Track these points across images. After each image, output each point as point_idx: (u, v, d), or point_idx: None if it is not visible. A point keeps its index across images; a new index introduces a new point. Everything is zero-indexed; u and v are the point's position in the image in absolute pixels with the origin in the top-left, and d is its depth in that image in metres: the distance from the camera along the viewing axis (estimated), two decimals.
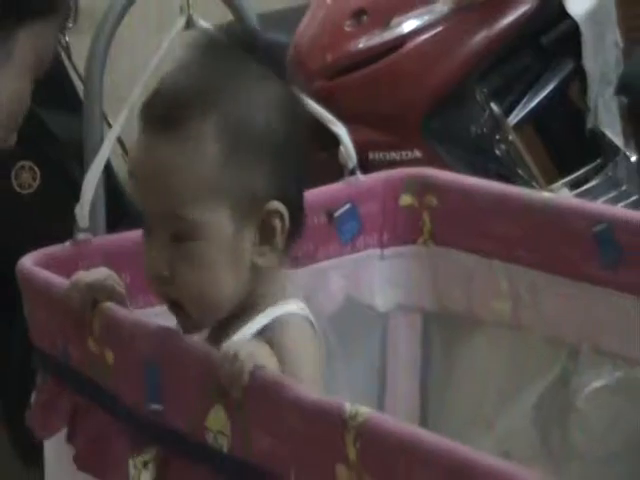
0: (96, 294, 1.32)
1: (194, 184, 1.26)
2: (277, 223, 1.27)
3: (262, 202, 1.27)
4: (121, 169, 2.51)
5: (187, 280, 1.28)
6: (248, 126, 1.29)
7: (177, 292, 1.29)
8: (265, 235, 1.28)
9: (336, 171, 1.73)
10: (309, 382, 1.27)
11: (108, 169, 2.07)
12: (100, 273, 1.37)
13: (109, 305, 1.32)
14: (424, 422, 1.75)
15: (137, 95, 1.53)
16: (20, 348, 2.09)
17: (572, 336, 1.63)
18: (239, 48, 1.38)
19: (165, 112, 1.27)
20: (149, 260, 1.29)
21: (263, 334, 1.29)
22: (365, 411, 1.00)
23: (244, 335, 1.30)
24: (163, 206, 1.26)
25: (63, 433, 1.41)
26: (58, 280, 1.39)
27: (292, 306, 1.34)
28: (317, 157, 1.74)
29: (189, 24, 1.68)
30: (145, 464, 1.27)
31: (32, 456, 1.82)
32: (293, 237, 1.34)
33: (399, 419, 1.12)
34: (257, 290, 1.33)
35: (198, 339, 1.37)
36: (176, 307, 1.30)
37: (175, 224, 1.26)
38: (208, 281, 1.29)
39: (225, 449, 1.14)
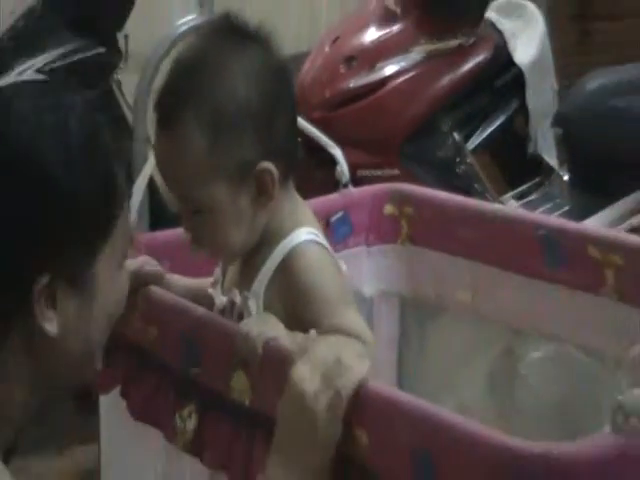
0: (137, 280, 1.54)
1: (191, 172, 1.46)
2: (268, 179, 1.47)
3: (252, 166, 1.47)
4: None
5: (206, 239, 1.52)
6: (225, 111, 1.47)
7: (202, 247, 1.54)
8: (261, 189, 1.48)
9: (332, 185, 1.97)
10: (334, 301, 1.52)
11: (151, 182, 2.21)
12: (141, 261, 1.61)
13: (149, 289, 1.56)
14: (400, 387, 1.95)
15: None
16: None
17: (517, 319, 1.88)
18: (224, 34, 1.55)
19: (160, 116, 1.50)
20: (183, 228, 1.53)
21: (282, 270, 1.53)
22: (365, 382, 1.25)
23: (265, 274, 1.53)
24: (177, 190, 1.50)
25: (117, 390, 1.63)
26: None
27: (302, 235, 1.54)
28: (317, 174, 2.13)
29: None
30: (190, 414, 1.50)
31: (90, 407, 1.93)
32: (289, 176, 1.55)
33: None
34: (269, 226, 1.54)
35: (231, 273, 1.63)
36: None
37: (190, 202, 1.49)
38: (220, 238, 1.52)
39: (247, 403, 1.37)
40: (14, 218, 1.23)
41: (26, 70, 1.30)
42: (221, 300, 1.64)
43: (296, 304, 1.53)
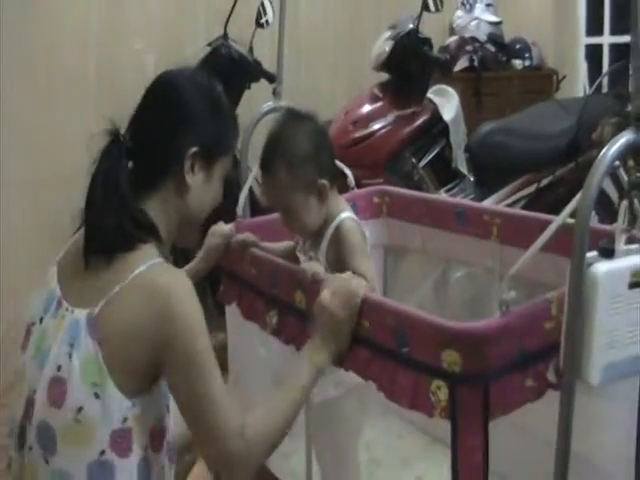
0: (245, 244, 2.09)
1: (281, 192, 1.91)
2: (323, 188, 1.89)
3: (315, 182, 1.89)
4: (256, 189, 3.61)
5: (294, 226, 1.96)
6: (296, 156, 1.92)
7: (292, 230, 1.98)
8: (320, 195, 1.91)
9: (346, 189, 2.43)
10: (359, 253, 1.88)
11: (251, 191, 2.77)
12: (246, 235, 2.12)
13: (251, 249, 2.06)
14: (385, 296, 2.36)
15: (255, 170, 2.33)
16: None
17: (447, 254, 2.51)
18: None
19: (262, 163, 1.98)
20: (281, 220, 1.96)
21: (334, 237, 1.91)
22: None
23: (325, 242, 1.91)
24: (274, 201, 1.95)
25: (235, 302, 2.14)
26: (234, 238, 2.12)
27: (344, 214, 1.94)
28: (339, 183, 2.42)
29: (275, 109, 2.56)
30: (273, 315, 1.94)
31: (222, 310, 2.37)
32: (334, 185, 1.94)
33: None
34: (326, 214, 1.94)
35: (307, 243, 1.98)
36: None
37: (282, 207, 1.93)
38: (301, 224, 1.94)
39: (302, 306, 1.81)
40: (186, 120, 1.73)
41: None
42: (303, 258, 2.06)
43: (339, 255, 1.93)
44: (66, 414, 1.58)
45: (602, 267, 1.39)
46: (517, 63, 5.46)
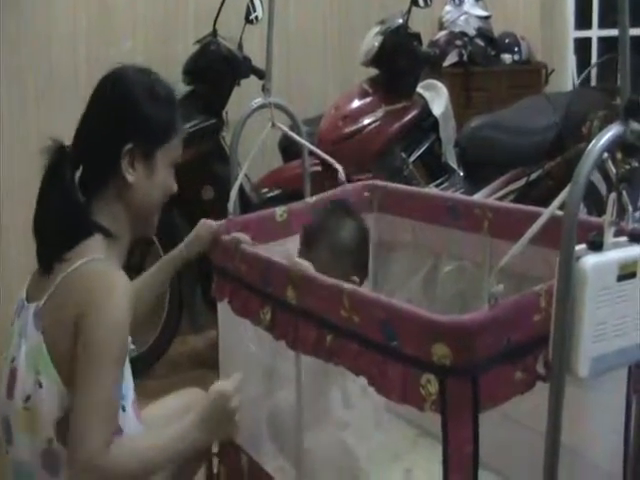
0: (236, 241, 2.07)
1: (320, 264, 1.91)
2: (352, 284, 1.76)
3: (349, 277, 1.99)
4: (246, 186, 3.71)
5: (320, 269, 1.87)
6: (337, 247, 2.10)
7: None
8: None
9: (337, 184, 2.59)
10: None
11: (241, 188, 2.83)
12: (239, 234, 2.11)
13: (244, 245, 2.05)
14: (375, 291, 2.37)
15: (244, 166, 2.43)
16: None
17: (437, 248, 2.50)
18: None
19: (304, 240, 2.16)
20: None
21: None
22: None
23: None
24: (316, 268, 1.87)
25: (227, 299, 2.11)
26: (225, 235, 2.13)
27: None
28: (330, 178, 2.67)
29: (265, 106, 2.56)
30: (266, 311, 1.92)
31: (213, 308, 2.35)
32: (362, 283, 2.11)
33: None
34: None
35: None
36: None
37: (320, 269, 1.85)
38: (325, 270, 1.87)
39: (295, 302, 1.81)
40: (115, 119, 1.77)
41: None
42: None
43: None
44: (17, 403, 1.67)
45: (591, 260, 1.40)
46: (506, 57, 5.48)
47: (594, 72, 5.00)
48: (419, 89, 3.95)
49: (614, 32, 1.50)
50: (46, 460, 1.67)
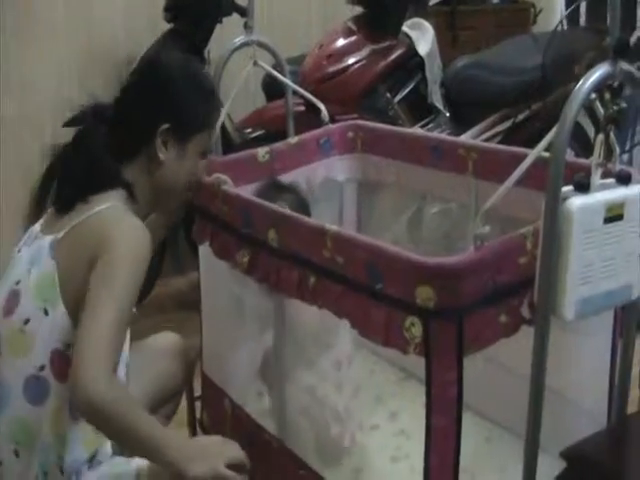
0: (217, 182, 2.05)
1: None
2: None
3: None
4: (228, 125, 3.60)
5: None
6: None
7: None
8: None
9: (321, 124, 2.58)
10: None
11: (223, 127, 2.84)
12: (219, 175, 2.09)
13: (224, 187, 2.03)
14: (359, 232, 2.42)
15: (226, 105, 2.39)
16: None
17: (422, 189, 2.49)
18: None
19: None
20: None
21: None
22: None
23: None
24: None
25: (207, 241, 2.10)
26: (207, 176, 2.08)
27: None
28: (313, 118, 2.64)
29: (247, 43, 2.54)
30: (244, 254, 1.92)
31: (196, 250, 2.33)
32: None
33: None
34: None
35: None
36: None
37: None
38: None
39: (276, 244, 1.81)
40: (159, 98, 1.84)
41: None
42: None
43: None
44: (14, 323, 1.71)
45: (577, 201, 1.39)
46: None
47: (583, 12, 4.92)
48: (405, 28, 3.88)
49: None
50: (29, 386, 1.68)
